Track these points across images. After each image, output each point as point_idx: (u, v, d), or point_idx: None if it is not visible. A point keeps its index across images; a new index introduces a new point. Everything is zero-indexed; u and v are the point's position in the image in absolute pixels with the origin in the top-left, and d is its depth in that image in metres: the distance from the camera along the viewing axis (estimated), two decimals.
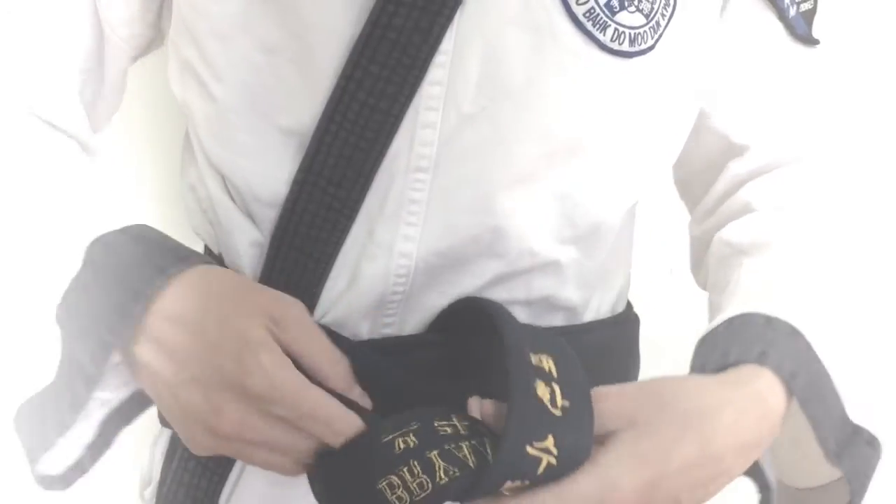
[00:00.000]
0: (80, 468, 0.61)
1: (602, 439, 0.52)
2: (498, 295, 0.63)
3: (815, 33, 0.71)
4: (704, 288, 0.75)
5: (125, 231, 0.59)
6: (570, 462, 0.51)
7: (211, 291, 0.57)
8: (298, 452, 0.55)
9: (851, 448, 0.59)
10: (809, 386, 0.57)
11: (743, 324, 0.58)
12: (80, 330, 0.56)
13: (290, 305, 0.57)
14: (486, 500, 0.52)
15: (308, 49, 0.59)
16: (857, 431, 0.59)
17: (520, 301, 0.64)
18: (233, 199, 0.63)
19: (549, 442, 0.51)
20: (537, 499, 0.51)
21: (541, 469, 0.51)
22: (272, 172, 0.61)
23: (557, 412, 0.51)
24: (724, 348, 0.57)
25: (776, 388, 0.55)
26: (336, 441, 0.54)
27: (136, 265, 0.56)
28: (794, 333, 0.58)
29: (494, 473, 0.51)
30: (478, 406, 0.55)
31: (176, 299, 0.56)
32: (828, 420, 0.58)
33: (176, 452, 0.66)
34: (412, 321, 0.63)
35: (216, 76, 0.61)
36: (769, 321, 0.58)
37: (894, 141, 1.02)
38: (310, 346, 0.56)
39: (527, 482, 0.51)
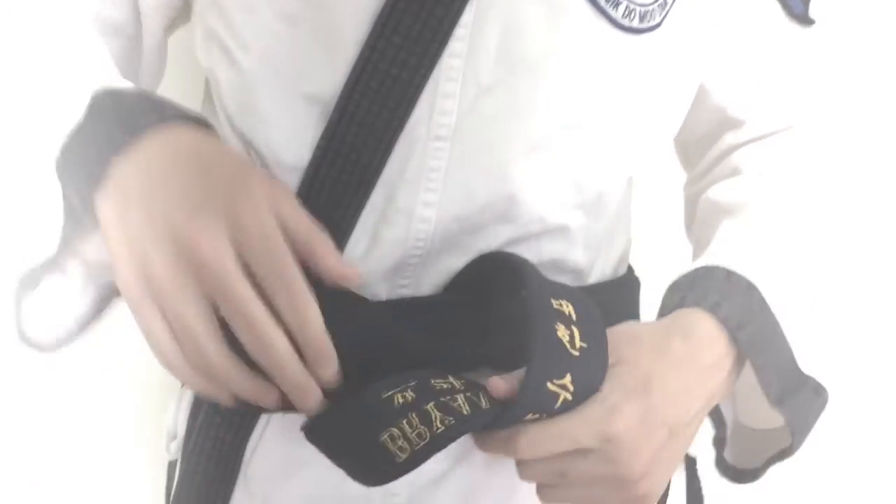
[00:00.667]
0: (68, 336, 0.59)
1: None
2: None
3: (812, 13, 0.75)
4: (693, 244, 0.80)
5: (133, 89, 0.58)
6: (583, 398, 0.57)
7: (213, 139, 0.56)
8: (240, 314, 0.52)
9: (797, 395, 0.65)
10: (757, 337, 0.63)
11: (705, 275, 0.65)
12: (76, 173, 0.54)
13: (287, 192, 0.57)
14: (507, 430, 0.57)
15: (331, 19, 0.61)
16: (805, 380, 0.66)
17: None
18: (257, 164, 0.66)
19: (567, 379, 0.56)
20: (553, 425, 0.56)
21: (558, 404, 0.56)
22: (295, 138, 0.63)
23: (575, 352, 0.56)
24: (682, 293, 0.64)
25: (709, 325, 0.62)
26: (293, 320, 0.52)
27: (137, 111, 0.55)
28: (750, 287, 0.64)
29: (518, 407, 0.56)
30: (501, 381, 0.57)
31: (172, 137, 0.54)
32: (774, 368, 0.64)
33: (201, 407, 0.69)
34: (428, 282, 0.66)
35: (241, 45, 0.63)
36: (729, 275, 0.64)
37: (877, 117, 1.07)
38: (303, 222, 0.56)
39: (544, 415, 0.56)
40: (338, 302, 0.58)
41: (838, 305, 0.73)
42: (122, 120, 0.54)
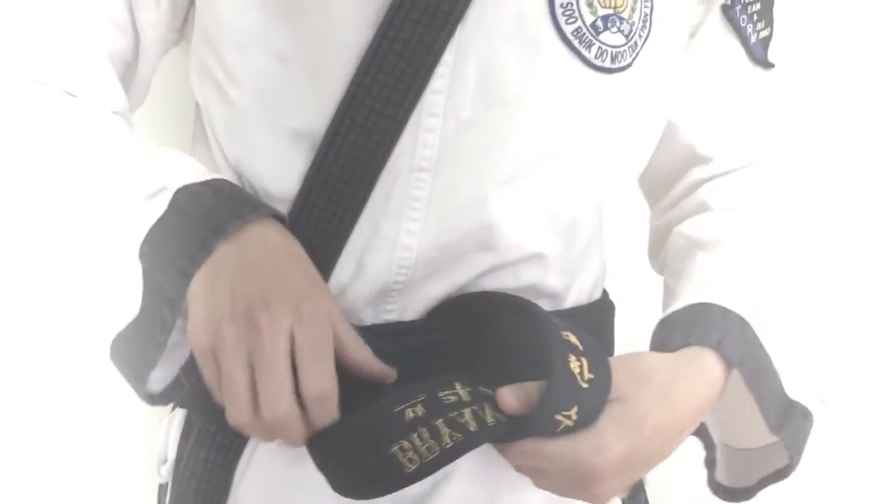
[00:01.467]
0: (178, 384, 0.66)
1: None
2: (489, 284, 0.69)
3: (771, 58, 0.81)
4: (661, 273, 0.85)
5: (207, 183, 0.63)
6: (582, 425, 0.61)
7: (286, 240, 0.63)
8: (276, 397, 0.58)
9: (790, 420, 0.71)
10: (755, 370, 0.68)
11: (703, 312, 0.69)
12: (162, 262, 0.61)
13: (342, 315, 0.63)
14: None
15: (320, 59, 0.64)
16: (793, 405, 0.71)
17: (509, 289, 0.71)
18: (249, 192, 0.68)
19: (573, 411, 0.60)
20: (546, 447, 0.60)
21: (559, 429, 0.60)
22: (285, 171, 0.67)
23: (584, 384, 0.60)
24: (685, 331, 0.68)
25: (718, 366, 0.67)
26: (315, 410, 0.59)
27: (217, 209, 0.62)
28: (744, 324, 0.68)
29: (523, 431, 0.60)
30: (510, 396, 0.61)
31: (251, 239, 0.61)
32: (770, 398, 0.69)
33: (192, 430, 0.71)
34: (412, 308, 0.69)
35: (234, 82, 0.67)
36: (724, 312, 0.69)
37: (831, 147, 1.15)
38: (353, 344, 0.62)
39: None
40: None
41: (807, 325, 0.80)
42: (221, 212, 0.62)
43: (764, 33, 0.80)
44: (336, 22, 0.64)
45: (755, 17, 0.79)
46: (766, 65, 0.80)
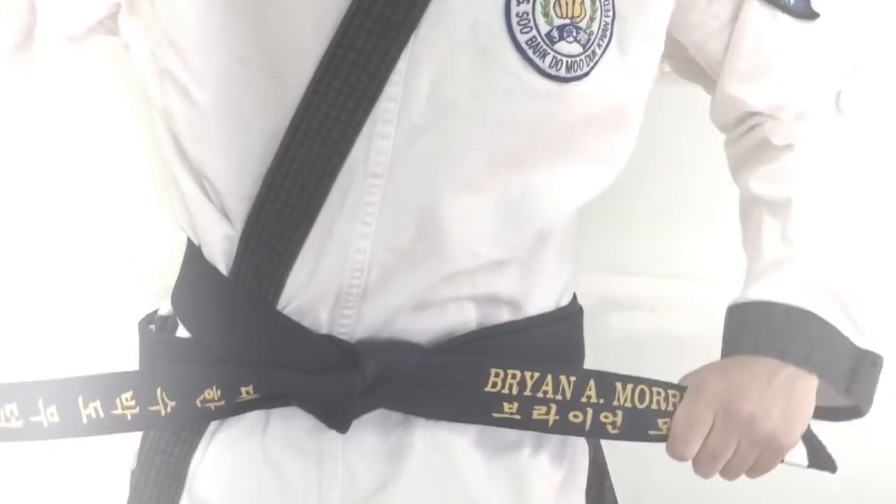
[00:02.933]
0: None
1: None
2: (445, 293, 0.70)
3: (814, 5, 0.78)
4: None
5: None
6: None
7: None
8: None
9: (859, 374, 0.75)
10: (823, 357, 0.74)
11: (767, 314, 0.75)
12: None
13: None
14: None
15: (278, 62, 0.66)
16: (863, 356, 0.75)
17: (466, 296, 0.71)
18: (208, 195, 0.70)
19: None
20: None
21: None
22: (246, 171, 0.68)
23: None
24: (755, 336, 0.74)
25: (800, 373, 0.73)
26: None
27: None
28: (806, 318, 0.74)
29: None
30: None
31: None
32: (840, 369, 0.75)
33: None
34: (369, 318, 0.70)
35: (198, 83, 0.68)
36: (787, 311, 0.74)
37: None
38: None
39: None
40: None
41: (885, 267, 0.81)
42: None
43: None
44: (295, 26, 0.65)
45: None
46: (811, 15, 0.78)
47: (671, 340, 1.04)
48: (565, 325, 0.79)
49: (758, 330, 0.74)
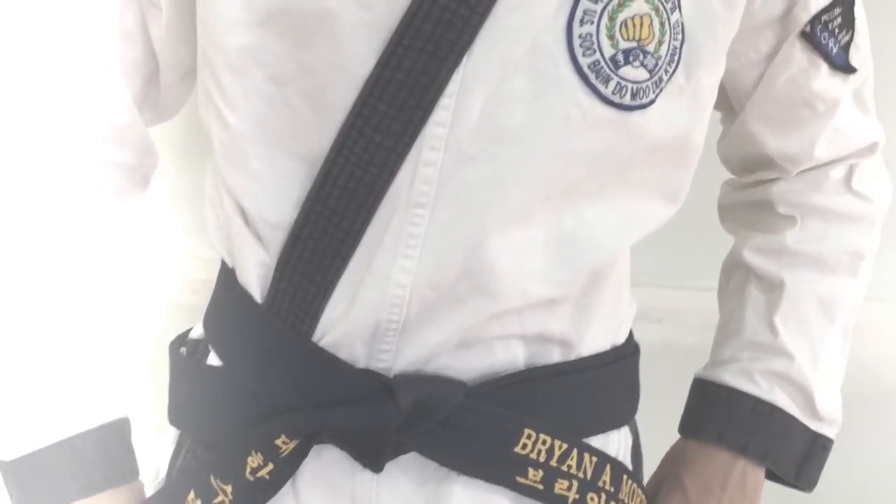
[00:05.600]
0: None
1: None
2: (491, 331, 0.65)
3: (852, 61, 0.76)
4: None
5: (81, 437, 0.67)
6: None
7: None
8: None
9: (810, 460, 0.78)
10: (779, 451, 0.77)
11: (737, 405, 0.77)
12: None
13: None
14: None
15: (319, 83, 0.61)
16: (815, 440, 0.78)
17: (514, 335, 0.67)
18: (245, 220, 0.66)
19: None
20: None
21: None
22: (281, 197, 0.64)
23: None
24: (718, 430, 0.77)
25: (753, 467, 0.77)
26: None
27: (69, 476, 0.66)
28: (772, 410, 0.76)
29: None
30: None
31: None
32: (792, 459, 0.77)
33: (182, 449, 0.71)
34: (408, 354, 0.65)
35: (230, 106, 0.64)
36: (756, 404, 0.77)
37: None
38: None
39: None
40: None
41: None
42: (68, 483, 0.66)
43: (845, 39, 0.75)
44: (341, 45, 0.60)
45: (837, 31, 0.74)
46: (848, 69, 0.75)
47: (678, 350, 1.05)
48: (620, 365, 0.74)
49: (725, 422, 0.77)
